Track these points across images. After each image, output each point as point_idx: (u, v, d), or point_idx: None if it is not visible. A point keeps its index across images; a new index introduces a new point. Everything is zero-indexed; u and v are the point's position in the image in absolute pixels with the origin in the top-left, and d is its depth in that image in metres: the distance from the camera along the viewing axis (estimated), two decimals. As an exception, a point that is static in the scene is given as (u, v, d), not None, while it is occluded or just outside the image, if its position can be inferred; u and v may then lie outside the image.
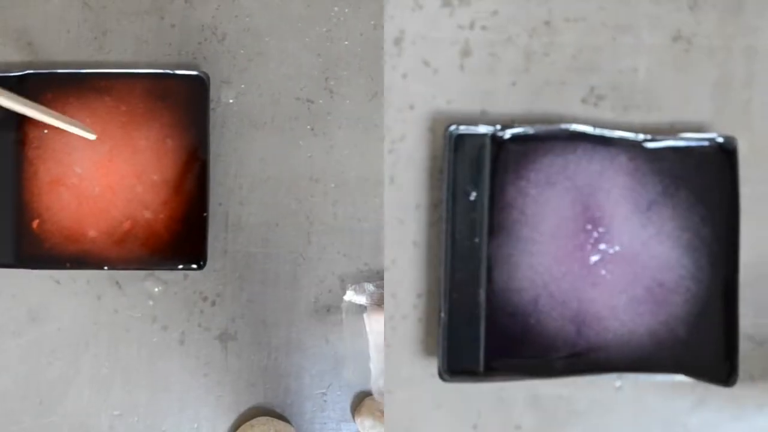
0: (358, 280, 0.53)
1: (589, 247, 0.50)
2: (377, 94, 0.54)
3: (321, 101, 0.53)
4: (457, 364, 0.48)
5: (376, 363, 0.52)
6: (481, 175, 0.50)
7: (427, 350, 0.50)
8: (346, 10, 0.54)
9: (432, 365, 0.49)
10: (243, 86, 0.53)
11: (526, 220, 0.50)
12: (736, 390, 0.48)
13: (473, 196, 0.50)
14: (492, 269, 0.49)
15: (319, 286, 0.53)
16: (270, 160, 0.53)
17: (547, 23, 0.51)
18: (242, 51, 0.53)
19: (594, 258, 0.50)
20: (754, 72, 0.52)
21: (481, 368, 0.49)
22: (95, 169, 0.51)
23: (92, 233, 0.51)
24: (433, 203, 0.50)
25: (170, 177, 0.51)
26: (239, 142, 0.53)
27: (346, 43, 0.54)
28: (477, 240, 0.49)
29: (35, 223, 0.50)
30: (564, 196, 0.50)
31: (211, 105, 0.52)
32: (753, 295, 0.50)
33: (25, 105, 0.45)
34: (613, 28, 0.52)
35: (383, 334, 0.51)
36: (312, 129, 0.53)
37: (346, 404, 0.52)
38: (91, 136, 0.50)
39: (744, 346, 0.49)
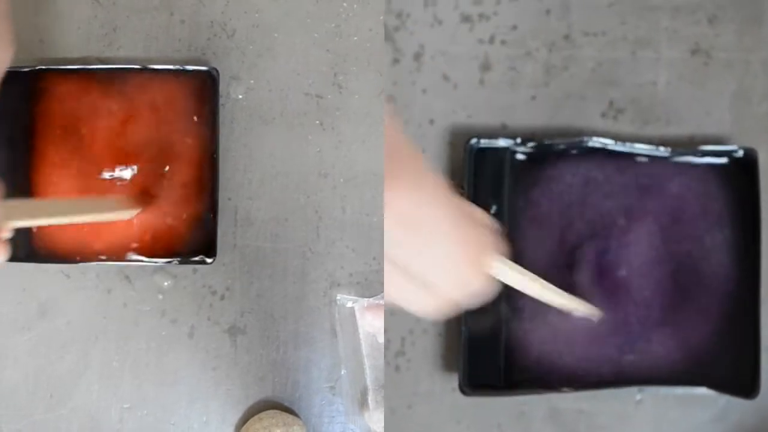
0: (366, 276, 0.53)
1: (612, 260, 0.50)
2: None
3: (330, 96, 0.54)
4: (478, 378, 0.48)
5: (371, 365, 0.52)
6: (501, 189, 0.50)
7: (447, 365, 0.50)
8: (355, 6, 0.54)
9: (452, 379, 0.49)
10: (252, 82, 0.54)
11: (547, 233, 0.50)
12: (759, 402, 0.47)
13: (494, 209, 0.49)
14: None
15: (328, 280, 0.53)
16: (279, 156, 0.53)
17: (566, 37, 0.51)
18: (251, 47, 0.54)
19: (617, 272, 0.49)
20: None
21: (502, 382, 0.49)
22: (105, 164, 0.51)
23: (102, 227, 0.51)
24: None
25: (180, 172, 0.51)
26: (248, 137, 0.53)
27: (355, 38, 0.54)
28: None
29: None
30: (586, 208, 0.50)
31: (221, 101, 0.52)
32: None
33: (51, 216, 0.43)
34: (632, 42, 0.52)
35: (379, 333, 0.51)
36: (321, 124, 0.54)
37: (355, 398, 0.53)
38: (130, 214, 0.49)
39: (765, 359, 0.48)
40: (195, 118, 0.51)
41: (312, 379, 0.53)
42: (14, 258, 0.50)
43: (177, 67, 0.51)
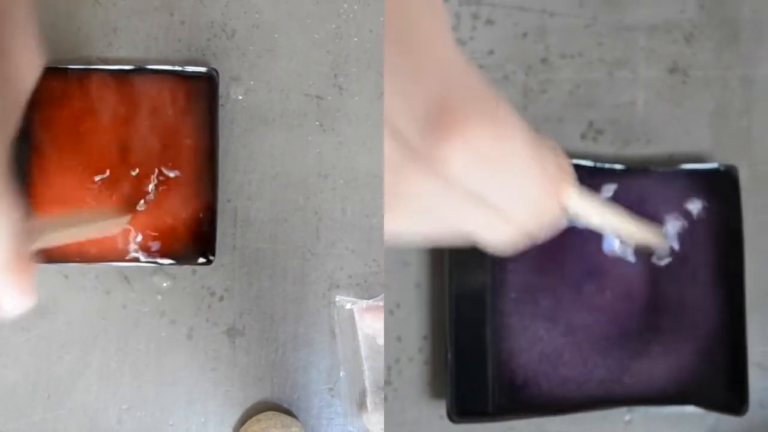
0: (366, 277, 0.53)
1: (596, 280, 0.49)
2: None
3: (330, 98, 0.54)
4: (466, 405, 0.47)
5: (370, 366, 0.51)
6: None
7: (434, 392, 0.50)
8: (356, 7, 0.54)
9: (440, 407, 0.49)
10: (252, 82, 0.54)
11: (528, 256, 0.49)
12: (747, 419, 0.47)
13: None
14: (496, 307, 0.49)
15: (327, 281, 0.53)
16: (279, 156, 0.53)
17: (543, 60, 0.51)
18: (251, 47, 0.54)
19: (602, 292, 0.49)
20: (752, 100, 0.52)
21: (491, 408, 0.48)
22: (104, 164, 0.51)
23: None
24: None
25: (179, 173, 0.51)
26: (248, 138, 0.53)
27: (356, 39, 0.54)
28: (481, 279, 0.49)
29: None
30: (565, 230, 0.49)
31: (220, 101, 0.52)
32: (760, 323, 0.50)
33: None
34: (609, 63, 0.52)
35: (379, 335, 0.51)
36: (321, 125, 0.54)
37: (354, 400, 0.52)
38: (123, 221, 0.49)
39: (753, 374, 0.48)
40: (195, 118, 0.51)
41: (311, 381, 0.53)
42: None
43: (177, 67, 0.51)
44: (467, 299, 0.48)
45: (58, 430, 0.52)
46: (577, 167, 0.47)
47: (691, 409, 0.48)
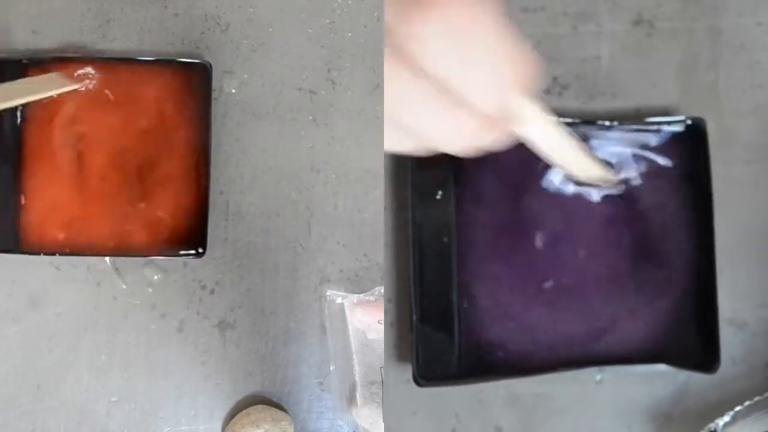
0: (357, 272, 0.53)
1: (566, 239, 0.48)
2: (379, 86, 0.54)
3: (323, 92, 0.54)
4: (432, 368, 0.46)
5: (360, 360, 0.51)
6: (446, 173, 0.49)
7: (401, 355, 0.49)
8: (350, 2, 0.54)
9: (406, 370, 0.48)
10: (246, 76, 0.53)
11: (492, 216, 0.48)
12: (719, 376, 0.47)
13: (439, 195, 0.48)
14: (462, 268, 0.48)
15: (318, 276, 0.53)
16: (271, 150, 0.53)
17: (505, 15, 0.51)
18: (245, 41, 0.54)
19: (573, 251, 0.48)
20: (719, 52, 0.51)
21: (457, 371, 0.47)
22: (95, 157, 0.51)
23: (92, 220, 0.51)
24: (399, 205, 0.50)
25: (172, 165, 0.51)
26: (241, 131, 0.53)
27: (350, 34, 0.54)
28: (446, 240, 0.48)
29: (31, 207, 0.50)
30: (533, 188, 0.48)
31: (213, 95, 0.52)
32: (730, 279, 0.49)
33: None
34: (573, 17, 0.51)
35: (369, 329, 0.51)
36: (314, 120, 0.54)
37: (343, 394, 0.52)
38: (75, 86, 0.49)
39: (724, 331, 0.48)
40: (187, 111, 0.51)
41: (301, 375, 0.53)
42: (3, 249, 0.50)
43: (170, 59, 0.51)
44: (432, 261, 0.48)
45: (47, 421, 0.52)
46: None
47: (662, 367, 0.47)
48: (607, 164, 0.47)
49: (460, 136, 0.26)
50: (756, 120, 0.50)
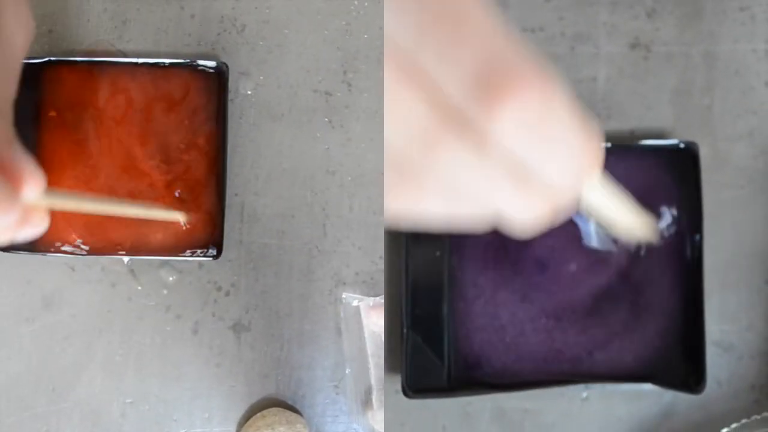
0: (372, 275, 0.53)
1: (558, 259, 0.49)
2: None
3: (339, 94, 0.53)
4: (422, 381, 0.47)
5: (376, 363, 0.51)
6: None
7: (390, 367, 0.50)
8: (366, 4, 0.54)
9: (395, 382, 0.48)
10: (261, 78, 0.53)
11: (485, 233, 0.48)
12: (704, 397, 0.47)
13: None
14: (454, 282, 0.49)
15: (334, 278, 0.53)
16: (287, 152, 0.53)
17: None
18: (261, 43, 0.53)
19: (564, 270, 0.49)
20: (714, 77, 0.52)
21: (446, 384, 0.48)
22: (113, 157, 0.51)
23: (108, 221, 0.51)
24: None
25: (188, 167, 0.51)
26: (256, 133, 0.53)
27: (366, 36, 0.54)
28: (438, 254, 0.49)
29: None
30: None
31: (230, 96, 0.52)
32: (718, 301, 0.50)
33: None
34: (571, 38, 0.52)
35: (382, 332, 0.51)
36: (329, 121, 0.53)
37: (358, 397, 0.52)
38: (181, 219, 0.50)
39: (710, 353, 0.48)
40: (203, 113, 0.51)
41: (316, 378, 0.53)
42: (19, 249, 0.50)
43: (186, 61, 0.51)
44: (424, 274, 0.48)
45: (61, 422, 0.52)
46: None
47: (648, 386, 0.48)
48: (652, 216, 0.47)
49: (530, 212, 0.26)
50: (748, 145, 0.51)
